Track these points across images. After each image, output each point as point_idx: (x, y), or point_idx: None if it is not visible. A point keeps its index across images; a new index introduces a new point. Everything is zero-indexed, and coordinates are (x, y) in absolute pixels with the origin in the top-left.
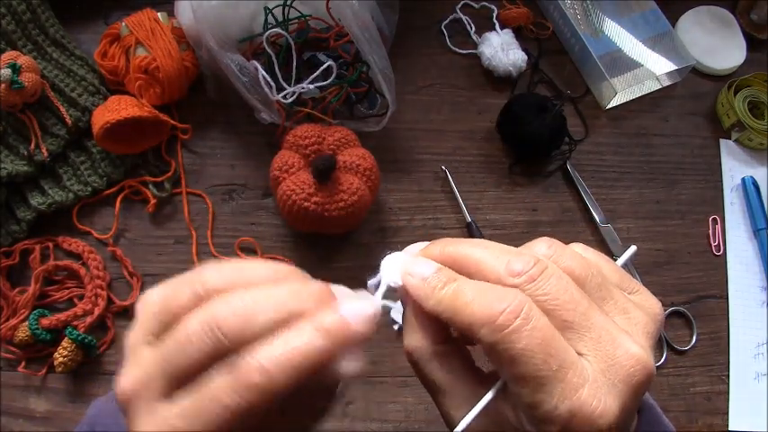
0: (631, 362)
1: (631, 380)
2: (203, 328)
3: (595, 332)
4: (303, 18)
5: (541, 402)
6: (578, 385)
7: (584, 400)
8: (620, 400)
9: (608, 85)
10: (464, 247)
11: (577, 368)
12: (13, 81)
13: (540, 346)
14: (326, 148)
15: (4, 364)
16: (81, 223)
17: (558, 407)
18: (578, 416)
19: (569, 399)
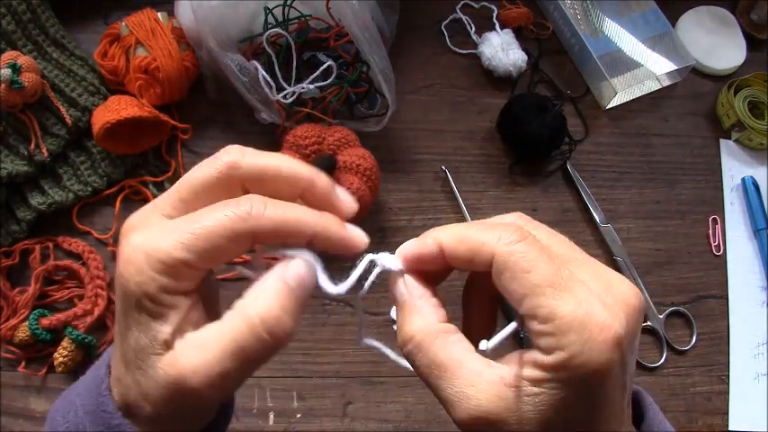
0: (628, 289)
1: (630, 301)
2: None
3: (592, 265)
4: (303, 18)
5: (557, 308)
6: (588, 295)
7: (595, 307)
8: (626, 315)
9: (608, 85)
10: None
11: (583, 283)
12: (13, 81)
13: (549, 258)
14: (326, 148)
15: (4, 364)
16: (81, 223)
17: (575, 311)
18: (593, 321)
19: (583, 304)
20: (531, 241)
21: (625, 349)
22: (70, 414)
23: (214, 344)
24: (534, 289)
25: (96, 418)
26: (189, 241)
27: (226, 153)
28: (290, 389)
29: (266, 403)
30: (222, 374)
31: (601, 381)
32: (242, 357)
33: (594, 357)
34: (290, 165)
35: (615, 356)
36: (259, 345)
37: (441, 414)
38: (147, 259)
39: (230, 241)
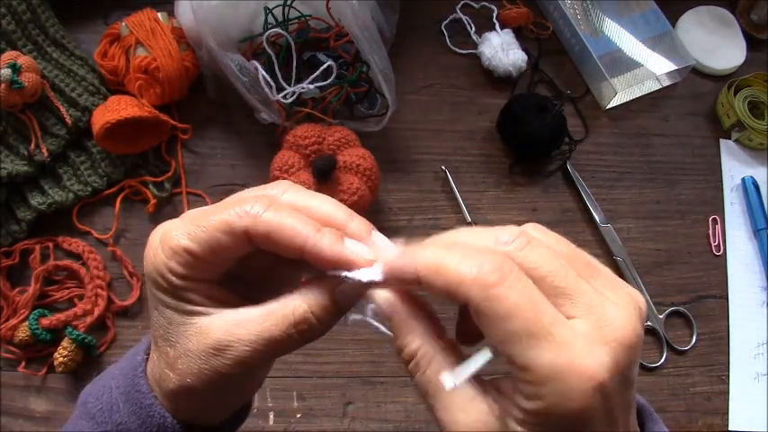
0: (623, 323)
1: (624, 339)
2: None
3: (587, 297)
4: (303, 18)
5: (534, 359)
6: (570, 340)
7: (576, 353)
8: (613, 356)
9: (608, 85)
10: (450, 236)
11: (567, 325)
12: (13, 81)
13: (530, 302)
14: (326, 148)
15: (4, 364)
16: (81, 223)
17: (552, 361)
18: (572, 370)
19: (562, 353)
20: (514, 280)
21: (611, 390)
22: (104, 396)
23: (249, 327)
24: (511, 337)
25: (130, 398)
26: (194, 232)
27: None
28: (290, 389)
29: (266, 403)
30: (252, 356)
31: (579, 425)
32: (272, 345)
33: (574, 405)
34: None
35: (596, 401)
36: (290, 341)
37: None
38: (161, 245)
39: (227, 236)
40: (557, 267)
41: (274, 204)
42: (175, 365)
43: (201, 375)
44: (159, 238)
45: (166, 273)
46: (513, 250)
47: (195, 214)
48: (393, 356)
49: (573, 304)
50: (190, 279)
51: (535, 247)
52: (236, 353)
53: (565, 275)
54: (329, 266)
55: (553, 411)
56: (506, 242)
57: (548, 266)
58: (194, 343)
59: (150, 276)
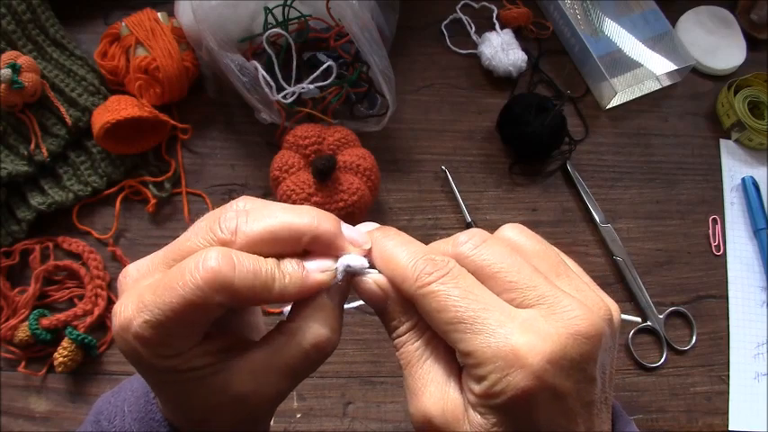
0: (578, 314)
1: (574, 330)
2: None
3: (539, 290)
4: (303, 18)
5: (471, 344)
6: (505, 322)
7: (511, 337)
8: (556, 344)
9: (608, 85)
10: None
11: (506, 309)
12: (13, 81)
13: (463, 294)
14: (326, 148)
15: (4, 364)
16: (81, 223)
17: (488, 344)
18: (506, 352)
19: (497, 337)
20: (449, 277)
21: (552, 378)
22: (117, 419)
23: (269, 370)
24: (448, 327)
25: (144, 426)
26: (156, 317)
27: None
28: None
29: None
30: (279, 393)
31: (526, 408)
32: (294, 376)
33: (513, 385)
34: (287, 222)
35: (532, 385)
36: (312, 364)
37: None
38: (135, 340)
39: (199, 314)
40: (509, 263)
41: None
42: (203, 423)
43: (231, 426)
44: (130, 334)
45: (154, 361)
46: (465, 250)
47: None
48: (393, 356)
49: (524, 296)
50: (180, 354)
51: (490, 245)
52: (261, 399)
53: (518, 270)
54: (299, 298)
55: (495, 392)
56: (462, 242)
57: (500, 263)
58: (218, 401)
59: (141, 368)
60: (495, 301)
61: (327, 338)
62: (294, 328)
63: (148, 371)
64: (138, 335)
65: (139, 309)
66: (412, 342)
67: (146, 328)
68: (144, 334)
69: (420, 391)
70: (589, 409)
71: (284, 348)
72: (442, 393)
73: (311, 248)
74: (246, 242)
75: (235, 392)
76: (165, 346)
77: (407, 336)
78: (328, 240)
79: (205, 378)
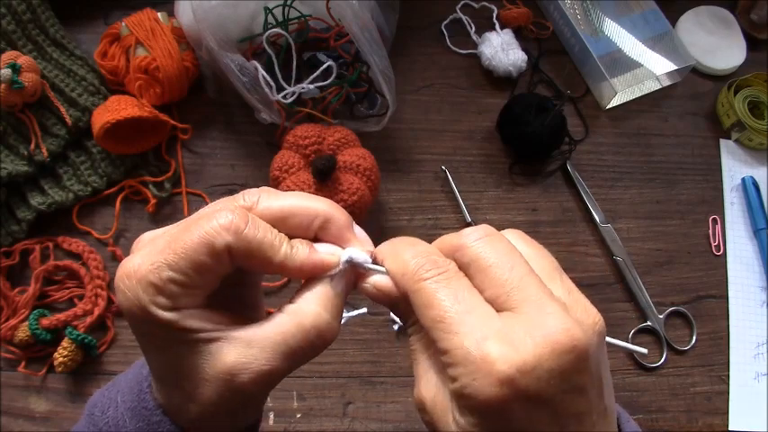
0: (558, 321)
1: (552, 338)
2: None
3: (526, 293)
4: (303, 18)
5: (448, 343)
6: (483, 328)
7: (485, 343)
8: (532, 353)
9: (608, 85)
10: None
11: (489, 315)
12: (13, 81)
13: (452, 294)
14: (326, 148)
15: (4, 364)
16: (81, 223)
17: (463, 346)
18: (477, 357)
19: (472, 340)
20: (442, 277)
21: (526, 387)
22: (110, 410)
23: (264, 343)
24: (430, 323)
25: (137, 414)
26: (172, 260)
27: (242, 199)
28: (290, 389)
29: (266, 403)
30: (271, 372)
31: (500, 414)
32: (290, 358)
33: (481, 391)
34: (304, 204)
35: (503, 393)
36: (310, 348)
37: None
38: (139, 285)
39: (209, 257)
40: (504, 260)
41: (251, 218)
42: (194, 396)
43: (222, 400)
44: (135, 279)
45: (156, 311)
46: (467, 241)
47: (161, 243)
48: (393, 356)
49: (509, 297)
50: (180, 310)
51: (491, 242)
52: (253, 374)
53: (510, 268)
54: (302, 273)
55: (467, 394)
56: (466, 234)
57: (494, 259)
58: (209, 370)
59: (138, 321)
60: (479, 305)
61: (328, 323)
62: (296, 308)
63: (145, 325)
64: (144, 279)
65: (150, 254)
66: (416, 336)
67: (154, 270)
68: (151, 278)
69: (419, 380)
70: (581, 420)
71: (284, 326)
72: (435, 385)
73: (321, 236)
74: (263, 213)
75: (227, 363)
76: (169, 294)
77: (412, 329)
78: (338, 227)
79: (199, 343)
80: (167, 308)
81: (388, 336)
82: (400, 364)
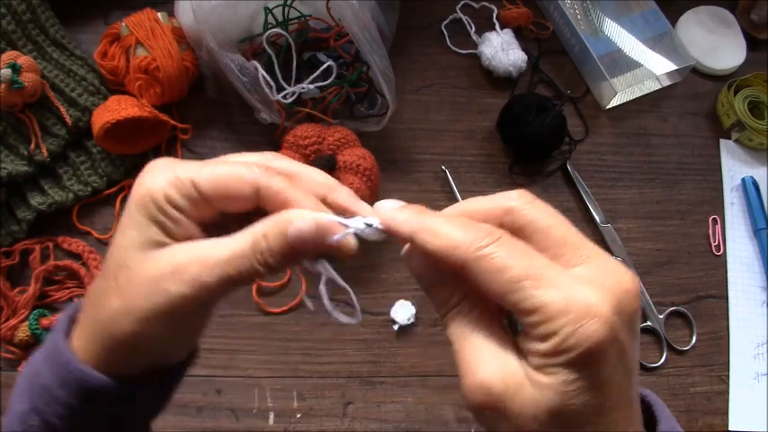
0: (622, 271)
1: (625, 285)
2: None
3: (586, 249)
4: (303, 18)
5: (539, 299)
6: (570, 280)
7: (577, 291)
8: (615, 296)
9: (608, 85)
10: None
11: (563, 269)
12: (13, 81)
13: (522, 254)
14: (326, 148)
15: (4, 364)
16: (81, 223)
17: (556, 297)
18: (577, 304)
19: (563, 290)
20: (503, 241)
21: (618, 330)
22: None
23: (208, 256)
24: (512, 285)
25: (49, 358)
26: (204, 170)
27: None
28: (290, 389)
29: (266, 403)
30: (202, 287)
31: (597, 361)
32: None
33: (586, 337)
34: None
35: (607, 335)
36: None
37: (441, 414)
38: (165, 171)
39: (236, 182)
40: (559, 221)
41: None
42: (123, 290)
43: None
44: (164, 165)
45: (161, 199)
46: (518, 204)
47: (198, 162)
48: (393, 356)
49: (574, 253)
50: (181, 212)
51: (540, 204)
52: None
53: (566, 228)
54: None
55: (567, 345)
56: (514, 198)
57: (550, 219)
58: (153, 268)
59: (139, 198)
60: (548, 260)
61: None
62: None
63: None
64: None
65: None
66: (462, 317)
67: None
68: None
69: (475, 365)
70: (635, 368)
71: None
72: (500, 362)
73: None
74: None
75: (172, 263)
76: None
77: (457, 311)
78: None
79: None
80: (174, 204)
81: (388, 336)
82: (400, 364)
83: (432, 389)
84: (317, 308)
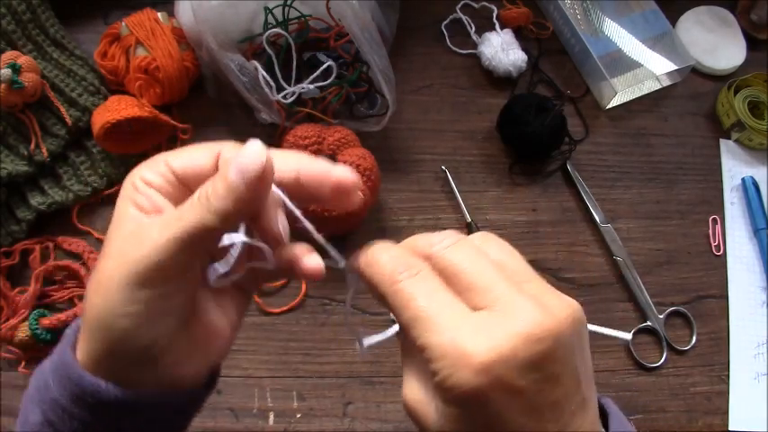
0: (529, 314)
1: (525, 329)
2: None
3: (496, 293)
4: (303, 18)
5: (425, 340)
6: (459, 325)
7: (461, 336)
8: (508, 344)
9: (608, 85)
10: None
11: (463, 312)
12: (13, 81)
13: (426, 294)
14: (326, 148)
15: (4, 364)
16: (81, 223)
17: (439, 341)
18: (455, 350)
19: (447, 335)
20: (418, 279)
21: (504, 376)
22: (40, 376)
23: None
24: (408, 322)
25: (58, 371)
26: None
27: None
28: (290, 389)
29: (266, 403)
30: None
31: (480, 404)
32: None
33: (461, 382)
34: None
35: (482, 381)
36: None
37: None
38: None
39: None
40: (473, 266)
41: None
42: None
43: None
44: (150, 161)
45: (136, 179)
46: (436, 250)
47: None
48: (393, 356)
49: (481, 298)
50: (156, 189)
51: (460, 248)
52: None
53: (480, 273)
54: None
55: (446, 387)
56: (435, 243)
57: (464, 264)
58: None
59: (123, 186)
60: (454, 303)
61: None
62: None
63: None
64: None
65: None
66: (401, 338)
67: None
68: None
69: (405, 381)
70: (556, 409)
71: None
72: (418, 384)
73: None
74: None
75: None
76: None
77: (399, 333)
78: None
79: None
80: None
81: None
82: (400, 363)
83: None
84: (316, 308)
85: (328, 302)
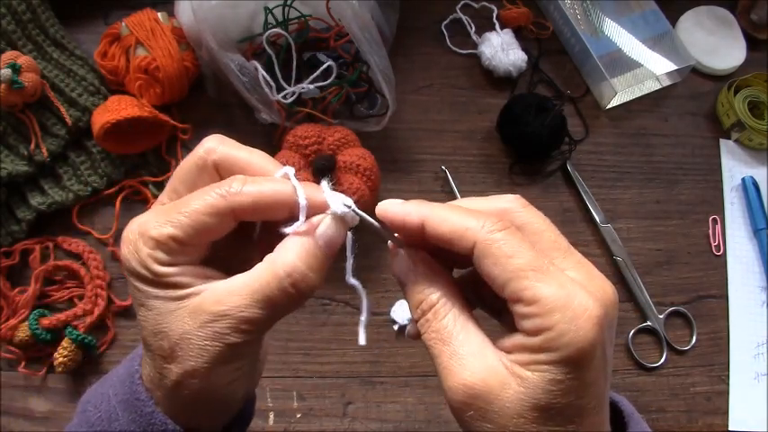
0: (602, 280)
1: (608, 293)
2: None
3: (576, 255)
4: (303, 18)
5: (541, 290)
6: (569, 280)
7: (577, 290)
8: (601, 302)
9: (608, 85)
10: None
11: (563, 272)
12: (13, 81)
13: (528, 243)
14: (326, 148)
15: (4, 364)
16: (81, 223)
17: (557, 292)
18: (575, 303)
19: (564, 287)
20: (513, 231)
21: (605, 334)
22: (103, 404)
23: (243, 291)
24: (517, 273)
25: (129, 406)
26: (176, 219)
27: (204, 142)
28: (290, 389)
29: (266, 403)
30: (250, 319)
31: (587, 362)
32: (268, 306)
33: (581, 336)
34: (261, 158)
35: (598, 337)
36: (284, 296)
37: (441, 414)
38: (141, 237)
39: (212, 218)
40: (550, 227)
41: (248, 178)
42: (174, 354)
43: (203, 353)
44: (138, 232)
45: (151, 263)
46: (515, 206)
47: (169, 205)
48: (393, 356)
49: (564, 258)
50: (175, 265)
51: (532, 209)
52: (233, 321)
53: (557, 234)
54: (320, 210)
55: (561, 342)
56: (511, 200)
57: (543, 224)
58: (190, 323)
59: (133, 271)
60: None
61: (302, 273)
62: (274, 257)
63: (140, 279)
64: (147, 233)
65: (156, 213)
66: (440, 319)
67: (157, 226)
68: (153, 232)
69: (456, 366)
70: (610, 374)
71: (261, 274)
72: (481, 362)
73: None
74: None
75: (207, 310)
76: (167, 250)
77: (434, 311)
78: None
79: (187, 297)
80: (163, 262)
81: (389, 336)
82: (400, 364)
83: (432, 389)
84: (316, 308)
85: (328, 302)
